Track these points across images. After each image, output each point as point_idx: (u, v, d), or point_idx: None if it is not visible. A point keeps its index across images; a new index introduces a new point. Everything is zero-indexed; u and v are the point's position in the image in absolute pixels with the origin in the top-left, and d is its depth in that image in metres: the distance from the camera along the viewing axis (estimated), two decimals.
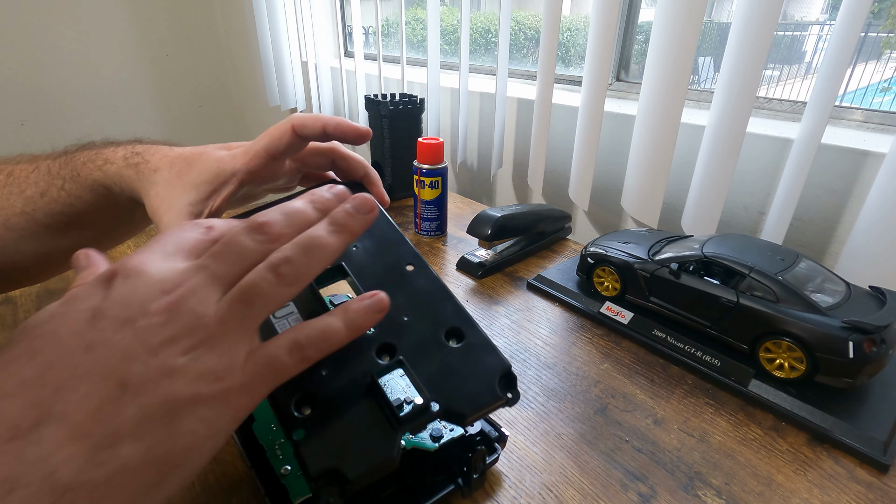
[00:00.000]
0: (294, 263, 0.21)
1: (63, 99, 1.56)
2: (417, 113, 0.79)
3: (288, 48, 1.34)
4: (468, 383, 0.23)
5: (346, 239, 0.23)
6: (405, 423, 0.22)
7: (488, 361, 0.24)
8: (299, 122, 0.31)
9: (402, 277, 0.27)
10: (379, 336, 0.25)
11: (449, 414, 0.23)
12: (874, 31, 0.62)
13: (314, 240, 0.22)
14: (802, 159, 0.51)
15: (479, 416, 0.23)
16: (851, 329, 0.36)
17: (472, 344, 0.25)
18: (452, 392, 0.23)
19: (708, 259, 0.43)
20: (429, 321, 0.25)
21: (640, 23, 0.78)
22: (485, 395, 0.23)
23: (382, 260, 0.28)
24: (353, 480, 0.20)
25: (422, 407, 0.22)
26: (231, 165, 0.31)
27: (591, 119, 0.68)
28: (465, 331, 0.25)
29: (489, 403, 0.23)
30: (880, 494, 0.32)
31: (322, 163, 0.36)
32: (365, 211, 0.23)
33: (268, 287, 0.20)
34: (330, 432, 0.21)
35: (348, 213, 0.23)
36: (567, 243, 0.68)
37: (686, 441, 0.36)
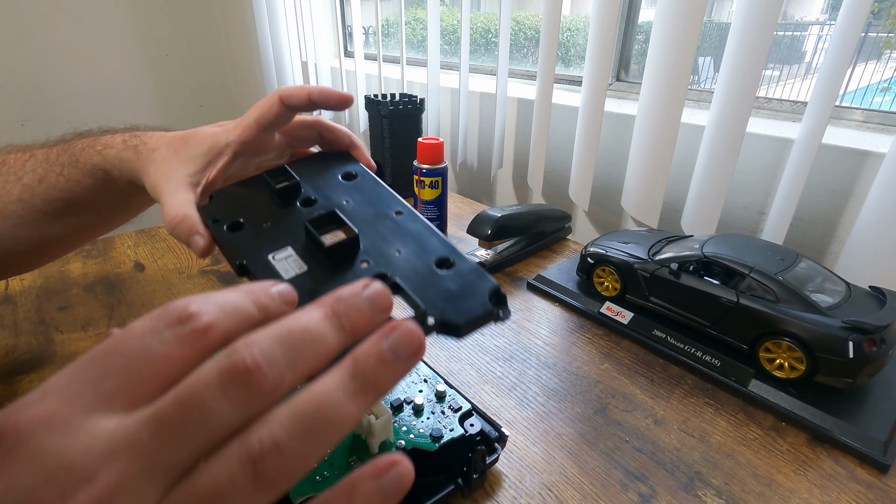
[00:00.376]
0: (287, 455, 0.13)
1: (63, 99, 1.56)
2: (417, 113, 0.79)
3: (288, 48, 1.34)
4: (460, 300, 0.24)
5: (371, 404, 0.15)
6: None
7: (478, 282, 0.25)
8: (286, 92, 0.32)
9: (392, 221, 0.29)
10: (373, 268, 0.26)
11: (444, 326, 0.23)
12: (874, 31, 0.61)
13: (325, 413, 0.14)
14: (802, 159, 0.51)
15: (473, 328, 0.24)
16: (851, 329, 0.36)
17: (461, 269, 0.26)
18: (446, 307, 0.24)
19: (708, 259, 0.43)
20: (419, 254, 0.27)
21: (640, 23, 0.78)
22: (476, 308, 0.24)
23: (373, 209, 0.30)
24: None
25: (419, 315, 0.23)
26: (225, 138, 0.32)
27: (591, 119, 0.68)
28: (454, 259, 0.26)
29: (481, 315, 0.24)
30: (880, 494, 0.32)
31: (309, 135, 0.37)
32: (408, 355, 0.15)
33: (238, 496, 0.12)
34: None
35: (385, 361, 0.15)
36: (567, 243, 0.68)
37: (686, 441, 0.36)
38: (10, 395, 0.40)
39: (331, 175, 0.33)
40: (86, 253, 0.64)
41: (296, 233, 0.28)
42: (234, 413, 0.13)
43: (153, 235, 0.70)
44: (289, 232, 0.28)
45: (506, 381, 0.42)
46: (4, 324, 0.49)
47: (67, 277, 0.58)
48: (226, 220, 0.29)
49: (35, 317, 0.50)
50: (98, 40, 1.57)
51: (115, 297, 0.54)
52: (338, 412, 0.14)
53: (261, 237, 0.28)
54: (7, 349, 0.46)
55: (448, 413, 0.32)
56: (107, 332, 0.15)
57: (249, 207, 0.30)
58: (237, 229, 0.29)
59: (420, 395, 0.34)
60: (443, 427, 0.31)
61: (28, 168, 0.36)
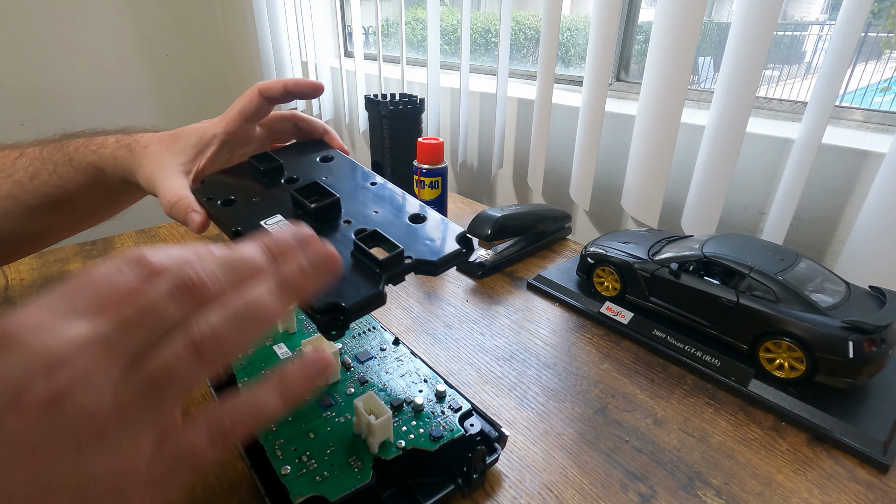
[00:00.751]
0: (222, 340, 0.17)
1: (63, 99, 1.56)
2: (417, 113, 0.79)
3: (288, 48, 1.34)
4: (433, 243, 0.28)
5: (293, 302, 0.19)
6: (385, 267, 0.26)
7: (447, 230, 0.29)
8: (264, 85, 0.36)
9: (368, 190, 0.33)
10: (354, 225, 0.29)
11: (420, 264, 0.27)
12: (874, 31, 0.61)
13: (253, 307, 0.17)
14: (802, 159, 0.51)
15: (446, 266, 0.27)
16: (851, 329, 0.36)
17: (432, 222, 0.30)
18: (421, 249, 0.27)
19: (708, 259, 0.43)
20: (394, 213, 0.30)
21: (640, 23, 0.78)
22: (447, 249, 0.27)
23: (350, 182, 0.33)
24: (350, 309, 0.24)
25: (397, 253, 0.26)
26: (212, 130, 0.36)
27: (591, 119, 0.68)
28: (425, 214, 0.30)
29: (452, 253, 0.27)
30: (880, 494, 0.32)
31: (287, 127, 0.41)
32: (326, 270, 0.20)
33: (185, 370, 0.16)
34: None
35: (304, 272, 0.19)
36: (567, 243, 0.68)
37: (686, 441, 0.36)
38: None
39: (309, 159, 0.37)
40: (86, 253, 0.64)
41: (283, 204, 0.31)
42: (181, 313, 0.17)
43: (153, 235, 0.70)
44: (276, 204, 0.31)
45: (506, 381, 0.42)
46: None
47: (67, 278, 0.58)
48: (218, 197, 0.32)
49: None
50: (98, 40, 1.57)
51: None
52: (264, 309, 0.18)
53: (252, 209, 0.31)
54: None
55: (448, 413, 0.32)
56: None
57: (239, 188, 0.33)
58: (230, 204, 0.32)
59: (420, 395, 0.34)
60: (443, 427, 0.31)
61: (19, 165, 0.37)
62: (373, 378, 0.35)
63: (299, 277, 0.19)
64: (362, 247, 0.26)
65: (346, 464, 0.28)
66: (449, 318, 0.51)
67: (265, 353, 0.37)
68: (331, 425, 0.31)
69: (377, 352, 0.38)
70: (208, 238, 0.69)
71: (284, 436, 0.30)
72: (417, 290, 0.56)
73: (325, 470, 0.28)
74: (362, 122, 1.18)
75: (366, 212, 0.30)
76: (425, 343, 0.47)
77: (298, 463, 0.28)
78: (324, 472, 0.28)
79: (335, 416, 0.32)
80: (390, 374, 0.36)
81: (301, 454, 0.29)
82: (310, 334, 0.40)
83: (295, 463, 0.28)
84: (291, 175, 0.34)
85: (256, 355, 0.37)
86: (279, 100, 0.37)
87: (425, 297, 0.55)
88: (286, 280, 0.19)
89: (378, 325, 0.42)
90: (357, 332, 0.41)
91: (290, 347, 0.38)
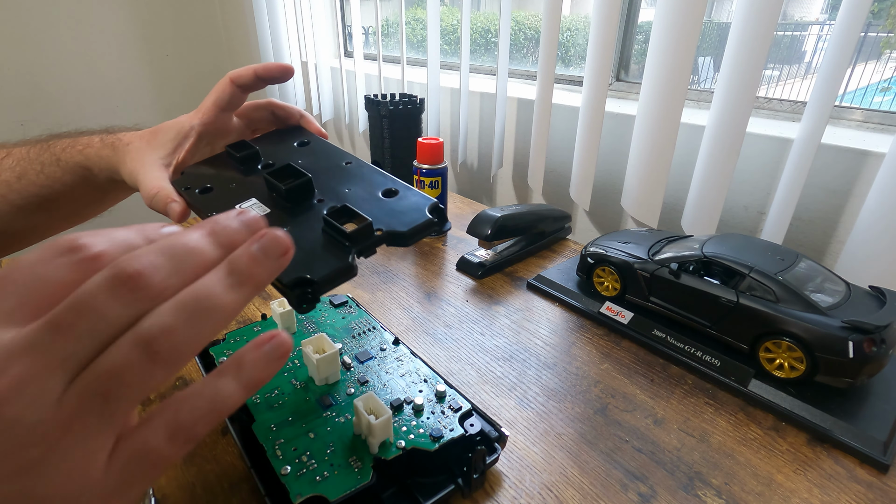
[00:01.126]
0: (176, 337, 0.15)
1: (63, 99, 1.56)
2: (417, 113, 0.79)
3: (288, 48, 1.34)
4: (404, 215, 0.28)
5: (248, 295, 0.17)
6: (354, 240, 0.26)
7: (419, 202, 0.29)
8: (235, 73, 0.37)
9: (343, 170, 0.33)
10: (326, 203, 0.29)
11: (391, 236, 0.27)
12: (874, 31, 0.61)
13: (206, 301, 0.16)
14: (802, 159, 0.51)
15: (417, 236, 0.27)
16: (851, 329, 0.36)
17: (405, 195, 0.30)
18: (391, 222, 0.28)
19: (708, 259, 0.43)
20: (367, 189, 0.31)
21: (640, 23, 0.78)
22: (418, 219, 0.28)
23: (325, 163, 0.34)
24: (318, 281, 0.24)
25: (366, 225, 0.26)
26: (189, 122, 0.37)
27: (591, 119, 0.68)
28: (397, 188, 0.30)
29: (422, 223, 0.27)
30: (880, 494, 0.32)
31: (263, 115, 0.41)
32: (276, 254, 0.18)
33: (137, 374, 0.15)
34: (295, 255, 0.24)
35: (254, 259, 0.17)
36: (567, 243, 0.68)
37: (686, 441, 0.36)
38: None
39: (286, 144, 0.37)
40: None
41: (259, 188, 0.32)
42: (126, 311, 0.15)
43: None
44: (252, 189, 0.32)
45: (506, 381, 0.42)
46: None
47: None
48: (196, 186, 0.33)
49: None
50: (98, 40, 1.57)
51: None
52: (217, 301, 0.16)
53: (228, 195, 0.32)
54: None
55: (448, 413, 0.32)
56: None
57: (216, 176, 0.34)
58: (207, 192, 0.33)
59: (420, 395, 0.34)
60: (443, 427, 0.31)
61: (6, 165, 0.38)
62: (373, 378, 0.35)
63: (250, 265, 0.17)
64: (331, 221, 0.27)
65: (346, 464, 0.28)
66: (449, 318, 0.51)
67: None
68: (331, 425, 0.31)
69: (377, 352, 0.38)
70: None
71: (284, 436, 0.30)
72: (417, 290, 0.56)
73: (325, 470, 0.28)
74: (362, 122, 1.18)
75: (339, 190, 0.31)
76: (425, 343, 0.47)
77: (298, 463, 0.28)
78: (324, 472, 0.28)
79: (335, 416, 0.32)
80: (390, 374, 0.36)
81: (301, 454, 0.29)
82: (310, 334, 0.40)
83: (295, 463, 0.28)
84: (268, 161, 0.35)
85: None
86: (251, 87, 0.37)
87: (425, 297, 0.55)
88: (236, 268, 0.17)
89: (378, 325, 0.42)
90: (357, 332, 0.41)
91: None
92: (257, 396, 0.33)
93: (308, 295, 0.24)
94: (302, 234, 0.27)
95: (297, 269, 0.24)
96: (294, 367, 0.36)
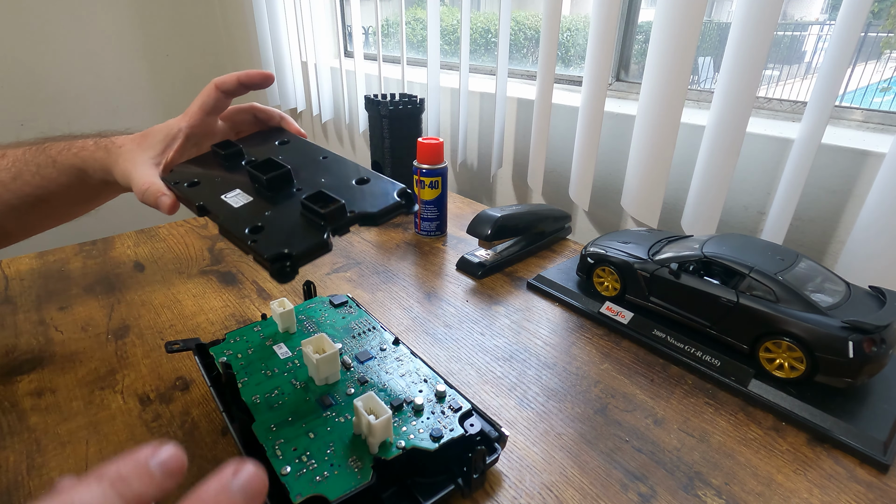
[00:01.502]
0: None
1: (63, 99, 1.56)
2: (417, 113, 0.79)
3: (288, 48, 1.34)
4: (375, 199, 0.31)
5: None
6: (329, 219, 0.28)
7: (389, 187, 0.32)
8: (220, 80, 0.40)
9: (320, 163, 0.36)
10: (304, 192, 0.31)
11: (362, 217, 0.29)
12: (874, 31, 0.61)
13: None
14: (802, 159, 0.51)
15: (386, 216, 0.30)
16: (851, 329, 0.36)
17: (376, 182, 0.32)
18: (364, 205, 0.30)
19: (708, 259, 0.43)
20: (341, 178, 0.33)
21: (640, 23, 0.78)
22: (388, 202, 0.30)
23: (304, 159, 0.37)
24: (296, 255, 0.27)
25: (339, 206, 0.29)
26: (177, 125, 0.40)
27: (591, 119, 0.68)
28: (370, 177, 0.33)
29: (391, 205, 0.30)
30: (880, 494, 0.32)
31: (246, 118, 0.44)
32: (174, 470, 0.18)
33: None
34: (276, 235, 0.29)
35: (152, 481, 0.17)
36: (567, 243, 0.68)
37: (686, 441, 0.36)
38: (10, 394, 0.40)
39: (268, 144, 0.40)
40: (86, 253, 0.64)
41: (242, 181, 0.34)
42: None
43: (153, 235, 0.70)
44: (236, 181, 0.34)
45: (506, 381, 0.42)
46: (4, 324, 0.49)
47: (67, 278, 0.58)
48: (185, 181, 0.36)
49: (35, 317, 0.50)
50: (98, 40, 1.57)
51: (114, 297, 0.54)
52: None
53: (214, 187, 0.34)
54: (7, 349, 0.46)
55: (448, 413, 0.32)
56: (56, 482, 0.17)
57: (203, 173, 0.37)
58: (194, 186, 0.35)
59: (420, 395, 0.34)
60: (443, 427, 0.31)
61: (1, 166, 0.40)
62: (373, 378, 0.35)
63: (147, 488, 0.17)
64: (308, 204, 0.29)
65: (346, 464, 0.28)
66: (449, 318, 0.51)
67: (265, 354, 0.37)
68: (331, 425, 0.31)
69: (377, 352, 0.38)
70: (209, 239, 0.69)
71: (284, 436, 0.30)
72: (417, 290, 0.56)
73: (325, 470, 0.28)
74: (362, 122, 1.18)
75: (315, 180, 0.33)
76: (425, 343, 0.47)
77: (298, 463, 0.28)
78: (324, 472, 0.28)
79: (335, 416, 0.32)
80: (390, 374, 0.36)
81: (301, 454, 0.29)
82: (310, 334, 0.40)
83: (295, 463, 0.28)
84: (251, 158, 0.37)
85: (256, 355, 0.37)
86: (235, 92, 0.40)
87: (425, 297, 0.55)
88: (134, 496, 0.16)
89: (378, 324, 0.42)
90: (357, 332, 0.41)
91: (289, 347, 0.38)
92: (257, 396, 0.33)
93: (287, 268, 0.27)
94: (282, 218, 0.30)
95: (278, 245, 0.27)
96: (294, 367, 0.36)
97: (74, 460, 0.34)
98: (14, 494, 0.32)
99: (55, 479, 0.33)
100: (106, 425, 0.37)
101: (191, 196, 0.34)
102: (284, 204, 0.31)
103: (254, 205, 0.32)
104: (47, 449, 0.35)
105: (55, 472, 0.33)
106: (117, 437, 0.36)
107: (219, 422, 0.37)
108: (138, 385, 0.41)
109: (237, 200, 0.32)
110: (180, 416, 0.38)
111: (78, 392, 0.40)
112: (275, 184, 0.32)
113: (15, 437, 0.36)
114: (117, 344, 0.46)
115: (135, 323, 0.49)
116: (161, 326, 0.49)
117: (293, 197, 0.32)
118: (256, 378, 0.35)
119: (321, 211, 0.28)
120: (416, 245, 0.68)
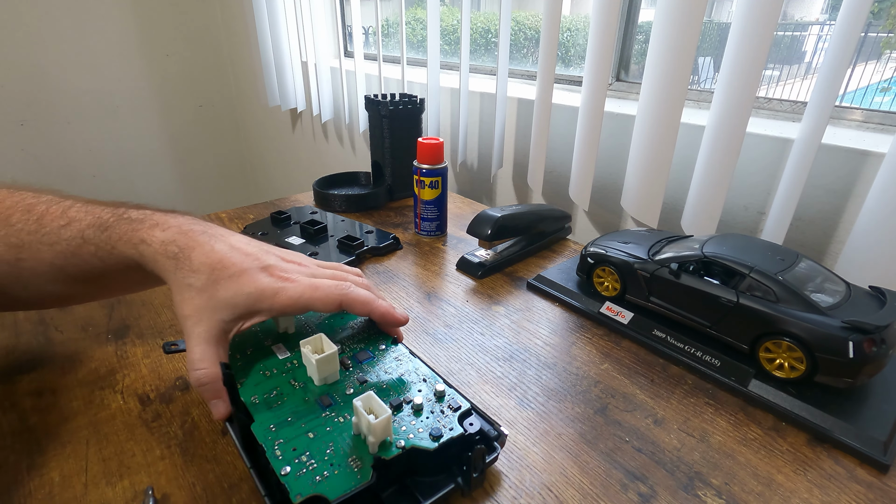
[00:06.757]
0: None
1: (63, 99, 1.56)
2: (417, 113, 0.79)
3: (288, 48, 1.34)
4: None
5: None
6: None
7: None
8: (348, 303, 0.36)
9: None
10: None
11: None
12: (874, 31, 0.61)
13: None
14: (802, 159, 0.51)
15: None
16: (851, 329, 0.36)
17: None
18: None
19: (708, 259, 0.43)
20: None
21: (640, 23, 0.78)
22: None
23: None
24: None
25: None
26: (269, 304, 0.34)
27: (591, 119, 0.68)
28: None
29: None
30: (880, 494, 0.32)
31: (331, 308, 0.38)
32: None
33: None
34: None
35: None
36: (567, 243, 0.68)
37: (686, 441, 0.36)
38: (10, 394, 0.40)
39: None
40: None
41: None
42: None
43: None
44: None
45: (506, 381, 0.42)
46: (4, 324, 0.49)
47: None
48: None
49: (35, 317, 0.50)
50: (98, 40, 1.57)
51: (115, 297, 0.54)
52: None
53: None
54: (7, 349, 0.46)
55: (447, 412, 0.32)
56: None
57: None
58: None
59: (419, 394, 0.33)
60: (442, 426, 0.31)
61: (63, 236, 0.36)
62: (372, 378, 0.35)
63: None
64: None
65: (345, 463, 0.28)
66: (449, 318, 0.51)
67: (264, 354, 0.37)
68: (330, 425, 0.31)
69: (376, 352, 0.38)
70: None
71: (284, 436, 0.30)
72: (417, 290, 0.56)
73: (325, 470, 0.28)
74: (362, 122, 1.18)
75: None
76: (425, 343, 0.47)
77: (298, 463, 0.28)
78: (324, 472, 0.28)
79: (335, 415, 0.32)
80: (389, 374, 0.36)
81: (301, 454, 0.29)
82: (309, 334, 0.40)
83: (295, 463, 0.28)
84: None
85: (255, 356, 0.37)
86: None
87: (425, 297, 0.55)
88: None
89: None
90: (356, 332, 0.41)
91: (289, 348, 0.38)
92: (256, 397, 0.33)
93: None
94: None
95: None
96: (293, 367, 0.36)
97: (74, 460, 0.34)
98: (14, 494, 0.32)
99: (55, 479, 0.32)
100: (106, 425, 0.37)
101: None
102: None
103: None
104: (47, 449, 0.35)
105: (55, 472, 0.33)
106: (117, 437, 0.36)
107: (219, 422, 0.37)
108: (138, 385, 0.41)
109: None
110: (180, 416, 0.38)
111: (78, 392, 0.40)
112: None
113: (15, 437, 0.36)
114: (117, 344, 0.46)
115: (135, 323, 0.49)
116: (161, 326, 0.49)
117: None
118: (255, 378, 0.35)
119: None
120: (416, 245, 0.68)
